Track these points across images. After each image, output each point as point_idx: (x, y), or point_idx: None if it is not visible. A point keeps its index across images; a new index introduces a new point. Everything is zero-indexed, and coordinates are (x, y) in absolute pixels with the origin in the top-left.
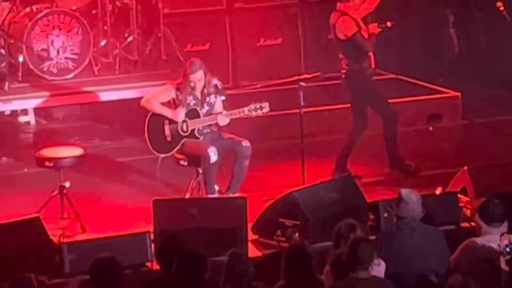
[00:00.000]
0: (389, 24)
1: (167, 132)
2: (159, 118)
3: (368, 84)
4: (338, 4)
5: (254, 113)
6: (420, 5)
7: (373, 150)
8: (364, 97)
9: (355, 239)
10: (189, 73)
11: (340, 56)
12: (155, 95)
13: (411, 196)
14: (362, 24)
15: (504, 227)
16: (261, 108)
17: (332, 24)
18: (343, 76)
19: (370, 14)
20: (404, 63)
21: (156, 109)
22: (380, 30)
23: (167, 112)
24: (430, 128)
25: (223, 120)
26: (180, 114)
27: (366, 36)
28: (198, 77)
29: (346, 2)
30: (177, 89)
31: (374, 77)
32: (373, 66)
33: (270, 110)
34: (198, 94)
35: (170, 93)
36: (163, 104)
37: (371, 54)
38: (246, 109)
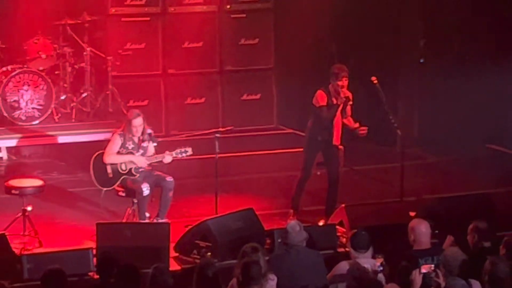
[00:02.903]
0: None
1: (109, 170)
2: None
3: (305, 147)
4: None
5: (179, 156)
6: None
7: (274, 189)
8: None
9: (245, 262)
10: (131, 118)
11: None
12: (111, 149)
13: (295, 227)
14: (337, 105)
15: (369, 252)
16: (185, 151)
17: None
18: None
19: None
20: (301, 121)
21: (119, 160)
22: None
23: (130, 157)
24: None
25: (168, 159)
26: (141, 160)
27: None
28: (138, 122)
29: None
30: (120, 135)
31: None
32: (336, 142)
33: (193, 154)
34: (136, 139)
35: (118, 142)
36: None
37: (335, 130)
38: (173, 152)
